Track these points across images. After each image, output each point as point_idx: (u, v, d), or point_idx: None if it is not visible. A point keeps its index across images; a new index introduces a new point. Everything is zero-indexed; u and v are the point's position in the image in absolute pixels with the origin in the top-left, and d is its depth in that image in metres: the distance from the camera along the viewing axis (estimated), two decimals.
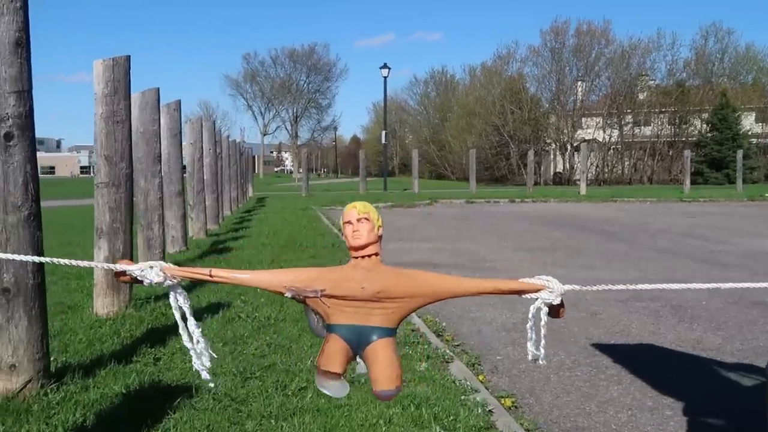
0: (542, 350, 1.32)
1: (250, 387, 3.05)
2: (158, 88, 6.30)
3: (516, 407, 3.40)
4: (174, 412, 2.71)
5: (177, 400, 2.81)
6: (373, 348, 1.22)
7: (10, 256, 1.92)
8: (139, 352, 3.56)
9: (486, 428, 2.68)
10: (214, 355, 1.27)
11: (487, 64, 53.64)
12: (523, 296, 1.28)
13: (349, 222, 1.22)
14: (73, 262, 1.33)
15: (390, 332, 1.24)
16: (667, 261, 8.79)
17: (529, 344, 1.33)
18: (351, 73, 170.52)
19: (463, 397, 3.04)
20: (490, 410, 2.95)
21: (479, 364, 4.06)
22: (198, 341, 1.25)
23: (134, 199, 6.26)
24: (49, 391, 2.87)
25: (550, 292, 1.27)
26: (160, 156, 6.38)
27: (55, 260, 1.33)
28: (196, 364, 1.25)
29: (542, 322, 1.29)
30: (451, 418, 2.71)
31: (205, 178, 10.58)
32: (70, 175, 78.95)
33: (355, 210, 1.22)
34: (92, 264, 1.35)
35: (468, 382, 3.31)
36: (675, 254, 9.53)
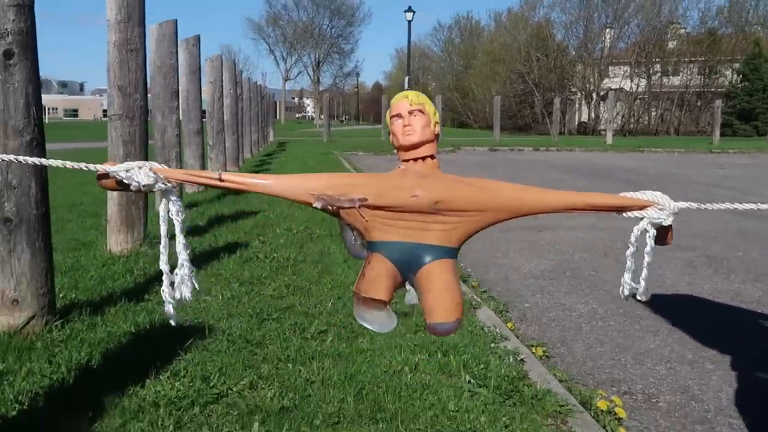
0: (643, 283, 1.06)
1: (267, 329, 2.88)
2: (176, 20, 6.02)
3: (548, 357, 3.21)
4: (185, 353, 2.54)
5: (189, 341, 2.65)
6: (427, 271, 0.98)
7: (6, 157, 1.72)
8: (152, 290, 3.39)
9: (519, 378, 2.49)
10: (196, 286, 1.03)
11: (513, 10, 52.40)
12: (626, 215, 1.03)
13: (398, 115, 0.98)
14: (51, 162, 1.12)
15: (449, 252, 0.99)
16: (699, 212, 8.49)
17: (626, 275, 1.07)
18: (374, 17, 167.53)
19: (492, 345, 2.85)
20: (522, 359, 2.76)
21: (507, 311, 3.87)
22: (182, 265, 1.02)
23: (151, 135, 6.06)
24: (53, 327, 2.71)
25: (660, 209, 1.02)
26: (178, 92, 6.14)
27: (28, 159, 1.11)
28: (166, 293, 1.01)
29: (647, 249, 1.04)
30: (482, 366, 2.52)
31: (225, 118, 10.33)
32: (93, 118, 79.00)
33: (406, 100, 0.98)
34: (72, 165, 1.11)
35: (498, 329, 3.12)
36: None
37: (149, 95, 5.74)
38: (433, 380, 2.36)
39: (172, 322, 1.02)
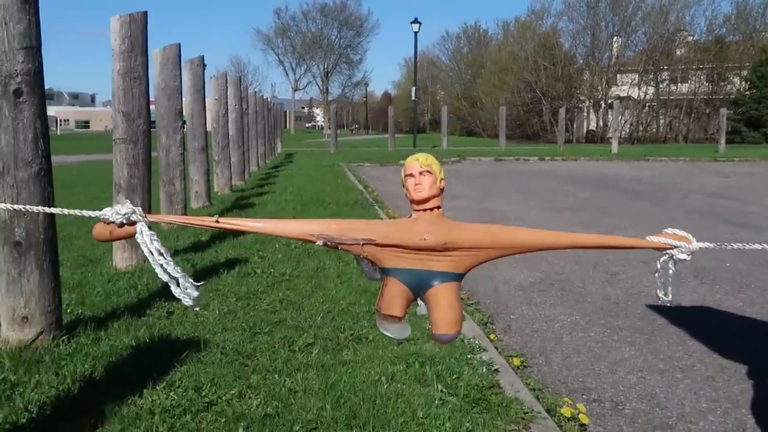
0: (670, 295, 1.36)
1: (258, 342, 3.08)
2: (179, 44, 6.28)
3: (525, 366, 3.39)
4: (181, 365, 2.75)
5: (184, 354, 2.86)
6: (434, 292, 1.20)
7: (14, 206, 1.95)
8: (153, 305, 3.61)
9: (489, 387, 2.68)
10: (195, 283, 1.23)
11: (520, 19, 52.64)
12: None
13: (410, 175, 1.19)
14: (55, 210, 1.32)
15: (456, 277, 1.22)
16: (695, 222, 8.63)
17: (658, 292, 1.36)
18: (383, 28, 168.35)
19: (469, 356, 3.04)
20: (496, 369, 2.95)
21: (492, 323, 4.06)
22: (176, 275, 1.21)
23: (156, 154, 6.30)
24: (60, 342, 2.93)
25: (681, 251, 1.30)
26: (182, 112, 6.38)
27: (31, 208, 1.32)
28: (176, 291, 1.21)
29: (670, 272, 1.31)
30: (455, 376, 2.71)
31: (230, 134, 10.59)
32: (105, 129, 79.85)
33: (417, 162, 1.19)
34: (69, 212, 1.32)
35: (477, 341, 3.30)
36: (704, 215, 9.35)
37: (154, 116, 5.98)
38: (407, 389, 2.56)
39: (197, 309, 1.23)
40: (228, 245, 5.36)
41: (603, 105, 45.41)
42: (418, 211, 1.19)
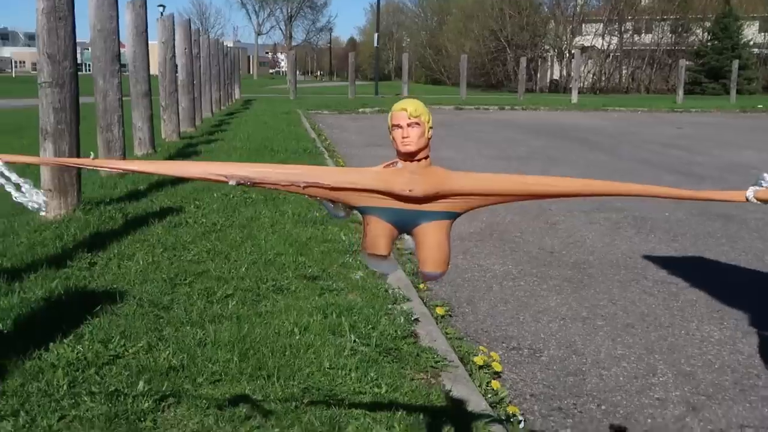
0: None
1: (177, 293, 3.04)
2: None
3: (450, 316, 3.42)
4: (93, 318, 2.70)
5: (98, 306, 2.80)
6: (422, 229, 1.16)
7: None
8: (76, 256, 3.53)
9: (404, 337, 2.69)
10: (39, 190, 1.19)
11: None
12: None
13: (398, 126, 1.13)
14: None
15: (449, 215, 1.17)
16: (643, 172, 8.74)
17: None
18: None
19: (390, 306, 3.04)
20: (415, 319, 2.95)
21: None
22: (19, 182, 1.17)
23: (94, 99, 6.11)
24: None
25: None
26: (119, 55, 6.16)
27: None
28: (18, 196, 1.17)
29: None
30: (370, 327, 2.71)
31: (179, 78, 10.33)
32: None
33: (405, 113, 1.12)
34: None
35: (402, 291, 3.31)
36: (653, 166, 9.47)
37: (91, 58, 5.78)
38: (320, 340, 2.55)
39: (42, 213, 1.19)
40: (164, 194, 5.26)
41: (567, 55, 45.31)
42: (405, 160, 1.14)
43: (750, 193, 1.11)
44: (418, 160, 1.14)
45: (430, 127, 1.15)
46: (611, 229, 5.35)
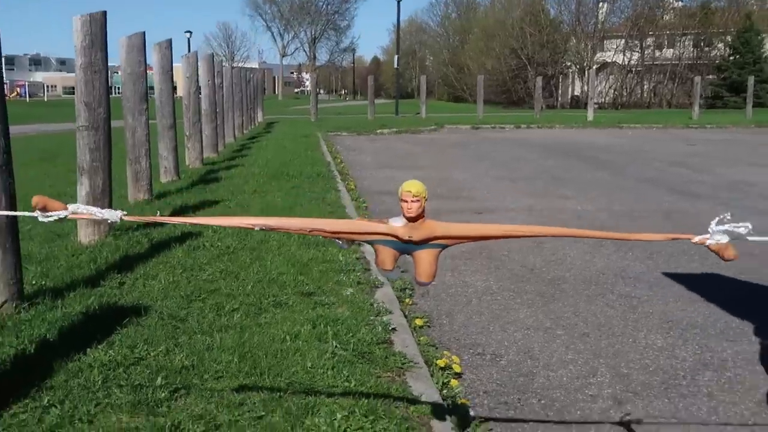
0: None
1: (192, 308, 3.60)
2: (144, 32, 6.70)
3: (428, 326, 3.92)
4: (122, 328, 3.26)
5: (127, 319, 3.37)
6: (419, 254, 1.76)
7: None
8: (108, 277, 4.11)
9: (378, 343, 3.21)
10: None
11: None
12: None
13: (404, 200, 1.71)
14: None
15: (436, 246, 1.77)
16: (642, 191, 9.17)
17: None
18: None
19: (372, 318, 3.56)
20: (393, 328, 3.46)
21: (411, 289, 4.58)
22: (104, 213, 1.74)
23: (123, 125, 6.74)
24: (22, 310, 3.44)
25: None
26: (146, 95, 6.82)
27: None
28: (101, 213, 1.74)
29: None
30: (351, 334, 3.24)
31: (203, 108, 11.02)
32: None
33: (410, 193, 1.70)
34: (25, 214, 1.85)
35: (386, 305, 3.82)
36: (654, 184, 9.89)
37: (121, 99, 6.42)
38: (306, 346, 3.08)
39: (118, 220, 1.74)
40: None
41: (588, 71, 45.64)
42: (408, 221, 1.74)
43: (696, 238, 1.69)
44: (416, 220, 1.74)
45: (425, 199, 1.73)
46: (594, 248, 5.81)
